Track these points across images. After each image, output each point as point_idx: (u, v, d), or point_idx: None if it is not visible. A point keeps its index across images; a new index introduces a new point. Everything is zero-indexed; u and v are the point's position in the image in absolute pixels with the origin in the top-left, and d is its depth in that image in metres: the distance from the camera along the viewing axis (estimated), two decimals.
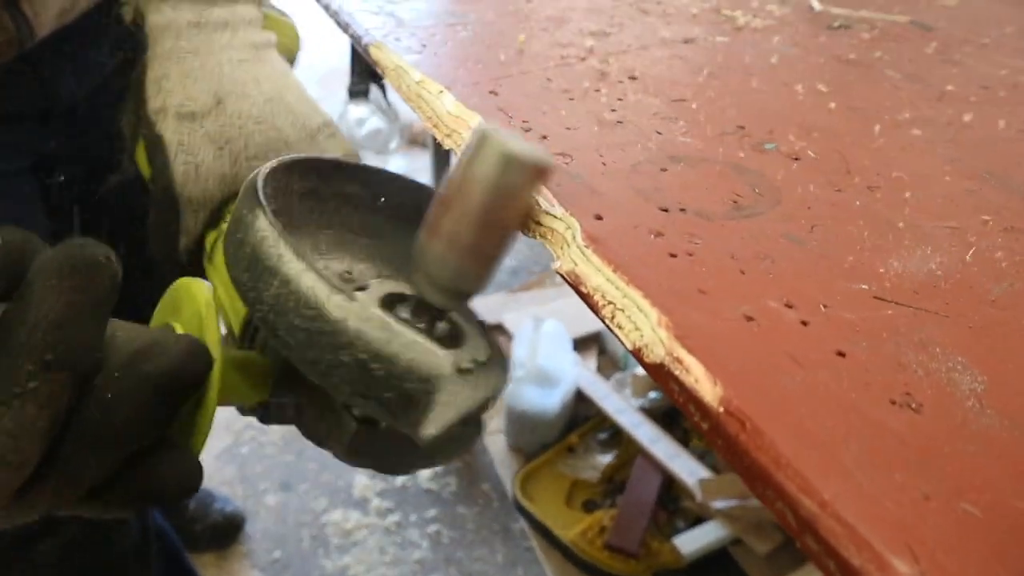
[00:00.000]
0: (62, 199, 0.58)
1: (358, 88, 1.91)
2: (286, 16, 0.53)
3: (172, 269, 0.42)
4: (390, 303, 0.31)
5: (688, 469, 1.10)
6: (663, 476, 1.12)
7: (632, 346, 0.24)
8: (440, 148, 1.32)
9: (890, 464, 0.20)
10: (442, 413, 0.26)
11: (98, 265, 0.23)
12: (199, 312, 0.28)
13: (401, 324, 0.26)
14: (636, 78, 0.44)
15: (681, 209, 0.31)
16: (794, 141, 0.38)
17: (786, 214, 0.31)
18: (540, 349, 1.23)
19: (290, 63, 0.51)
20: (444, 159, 1.35)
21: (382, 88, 1.94)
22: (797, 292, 0.26)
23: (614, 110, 0.40)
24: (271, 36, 0.46)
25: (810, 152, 0.37)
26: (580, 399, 1.24)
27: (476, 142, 0.27)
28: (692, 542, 1.05)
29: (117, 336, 0.25)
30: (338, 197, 0.35)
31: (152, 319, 0.32)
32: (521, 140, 0.27)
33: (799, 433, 0.20)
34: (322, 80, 2.84)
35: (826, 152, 0.37)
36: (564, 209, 0.29)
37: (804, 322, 0.25)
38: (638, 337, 0.24)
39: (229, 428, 1.49)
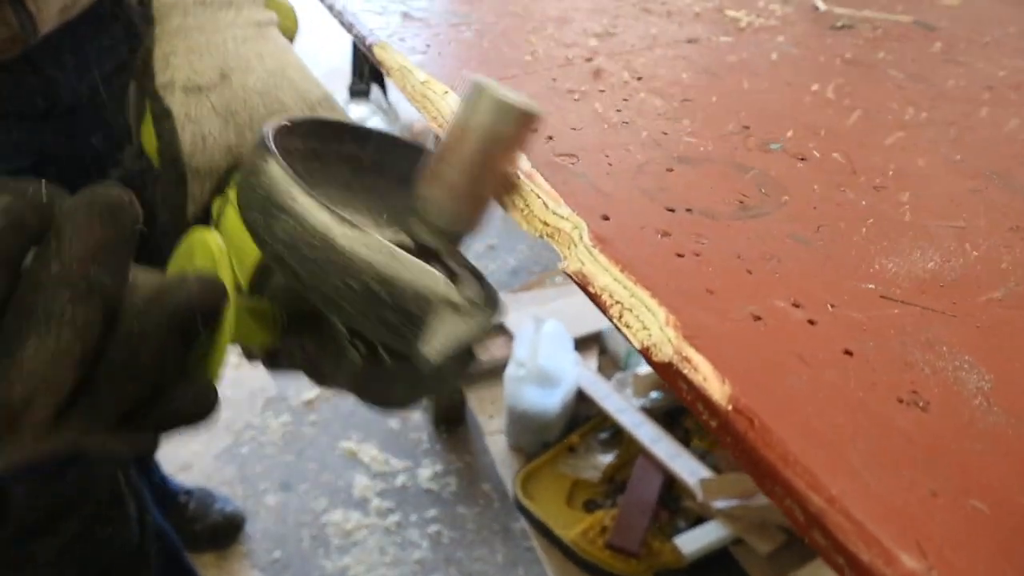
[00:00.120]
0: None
1: (359, 88, 1.91)
2: None
3: (180, 236, 0.43)
4: None
5: (689, 469, 1.11)
6: (664, 476, 1.12)
7: (640, 345, 0.24)
8: None
9: (898, 461, 0.20)
10: (440, 335, 0.28)
11: (122, 206, 0.25)
12: (212, 257, 0.30)
13: (403, 252, 0.28)
14: (641, 78, 0.44)
15: (687, 209, 0.31)
16: (799, 141, 0.38)
17: (792, 214, 0.31)
18: (541, 349, 1.23)
19: (289, 42, 0.53)
20: None
21: (383, 88, 1.94)
22: (804, 292, 0.26)
23: (619, 110, 0.40)
24: (272, 15, 0.48)
25: (815, 152, 0.37)
26: (581, 399, 1.24)
27: (472, 93, 0.29)
28: (693, 542, 1.05)
29: (139, 278, 0.27)
30: (338, 158, 0.37)
31: (168, 268, 0.33)
32: (513, 91, 0.29)
33: (807, 431, 0.21)
34: (323, 79, 2.83)
35: (831, 152, 0.37)
36: (571, 209, 0.30)
37: (811, 321, 0.25)
38: (646, 336, 0.24)
39: (229, 428, 1.49)
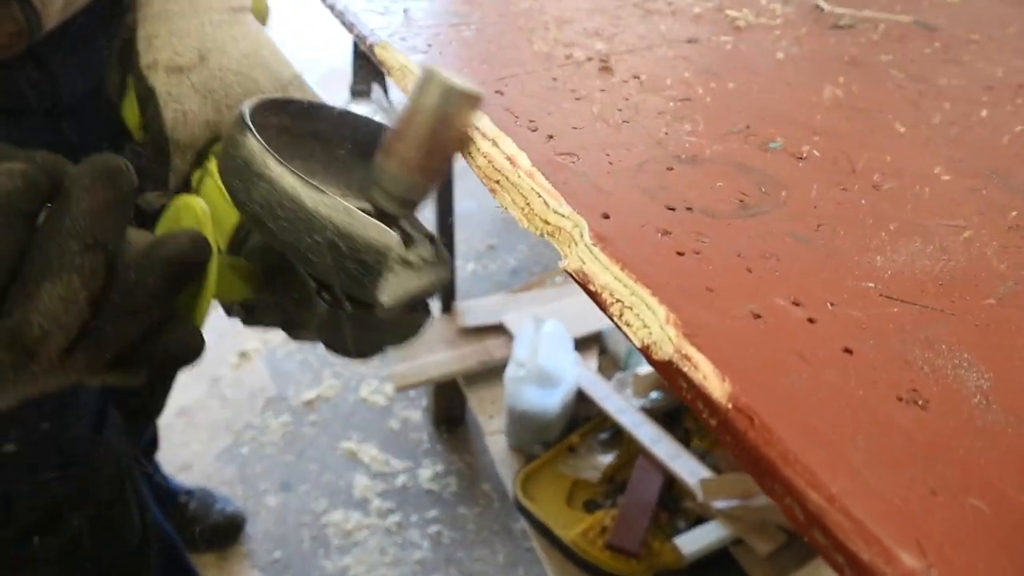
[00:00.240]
0: None
1: (360, 88, 1.91)
2: None
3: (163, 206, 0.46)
4: None
5: (689, 469, 1.10)
6: (664, 476, 1.11)
7: (640, 343, 0.24)
8: None
9: (897, 460, 0.20)
10: (395, 285, 0.34)
11: (121, 171, 0.28)
12: (197, 218, 0.34)
13: (360, 212, 0.32)
14: (641, 78, 0.44)
15: (688, 208, 0.31)
16: (799, 140, 0.38)
17: (792, 213, 0.31)
18: (541, 349, 1.23)
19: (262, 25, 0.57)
20: None
21: (384, 88, 1.94)
22: (804, 290, 0.26)
23: (620, 110, 0.40)
24: (246, 1, 0.51)
25: (815, 151, 0.37)
26: (581, 399, 1.24)
27: (422, 79, 0.33)
28: (693, 542, 1.05)
29: (133, 236, 0.30)
30: (307, 133, 0.40)
31: (157, 230, 0.36)
32: (458, 76, 0.33)
33: (807, 429, 0.21)
34: (323, 79, 2.84)
35: (831, 151, 0.37)
36: (572, 208, 0.30)
37: (811, 320, 0.25)
38: (646, 335, 0.24)
39: (229, 428, 1.49)
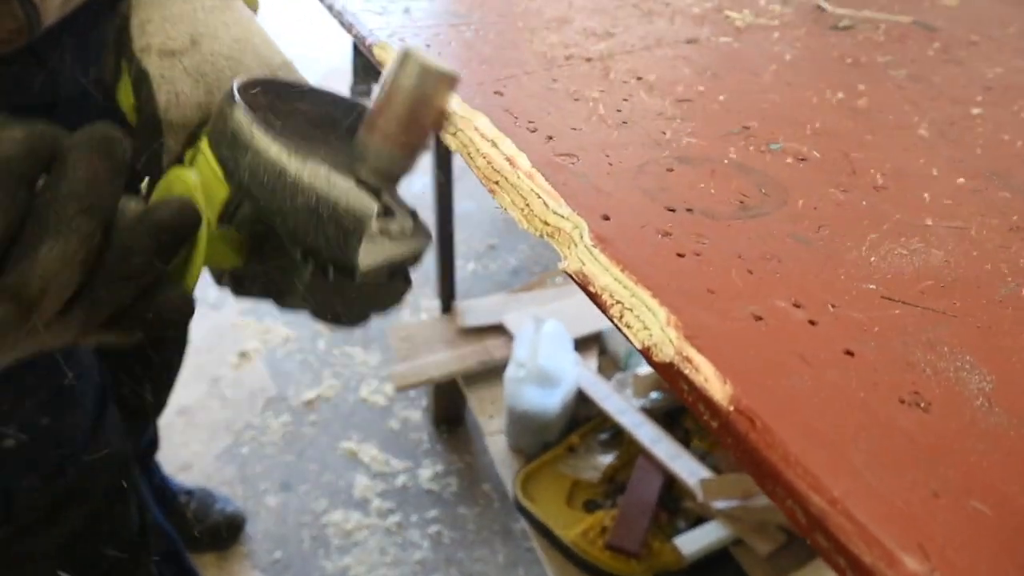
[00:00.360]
0: None
1: (360, 88, 1.91)
2: None
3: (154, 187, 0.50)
4: None
5: (689, 469, 1.10)
6: (664, 476, 1.11)
7: (641, 345, 0.24)
8: (441, 148, 1.33)
9: (899, 462, 0.20)
10: (374, 252, 0.36)
11: (116, 139, 0.30)
12: (188, 187, 0.36)
13: (341, 178, 0.34)
14: (641, 79, 0.44)
15: (688, 209, 0.31)
16: (799, 141, 0.38)
17: (793, 214, 0.31)
18: (541, 349, 1.23)
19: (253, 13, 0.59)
20: (445, 158, 1.35)
21: None
22: (805, 292, 0.26)
23: (619, 111, 0.40)
24: None
25: (815, 152, 0.37)
26: (581, 399, 1.24)
27: (399, 60, 0.35)
28: (693, 542, 1.05)
29: (127, 203, 0.32)
30: (293, 112, 0.43)
31: (150, 201, 0.38)
32: (434, 57, 0.35)
33: (808, 431, 0.20)
34: (323, 79, 2.84)
35: (831, 152, 0.37)
36: (571, 209, 0.30)
37: (812, 322, 0.25)
38: (647, 336, 0.24)
39: (229, 428, 1.49)
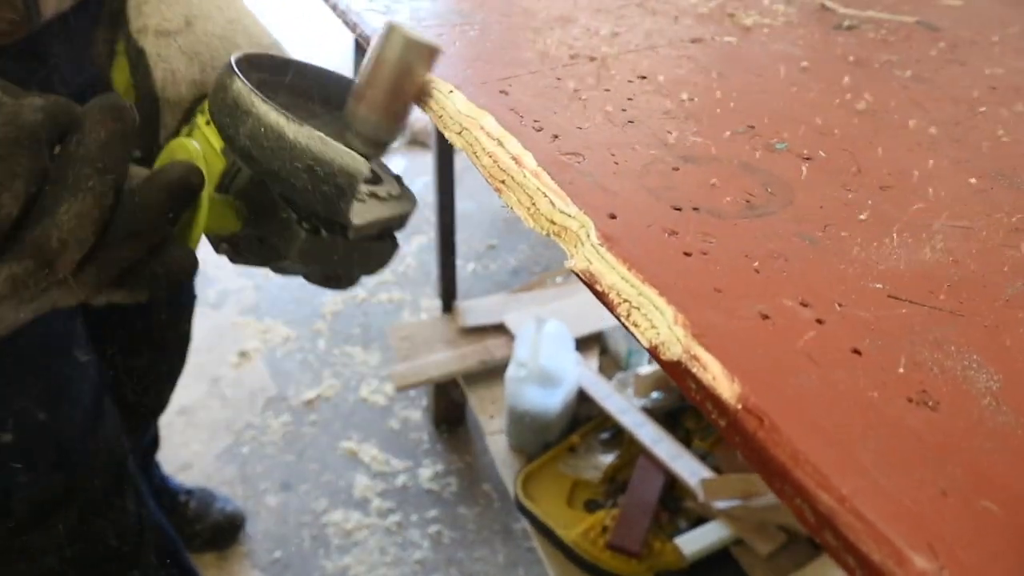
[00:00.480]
0: None
1: None
2: None
3: (154, 160, 0.51)
4: None
5: (690, 469, 1.10)
6: (665, 476, 1.11)
7: (648, 344, 0.24)
8: (443, 147, 1.32)
9: (907, 461, 0.20)
10: (364, 211, 0.39)
11: (125, 108, 0.32)
12: (190, 154, 0.39)
13: (333, 141, 0.36)
14: (646, 78, 0.44)
15: (694, 208, 0.31)
16: (804, 141, 0.38)
17: (799, 214, 0.31)
18: (542, 349, 1.23)
19: None
20: (447, 158, 1.35)
21: None
22: (812, 291, 0.26)
23: (625, 110, 0.40)
24: None
25: (821, 152, 0.37)
26: (582, 399, 1.24)
27: (385, 33, 0.37)
28: (694, 542, 1.05)
29: (134, 170, 0.34)
30: (285, 87, 0.45)
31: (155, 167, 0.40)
32: (417, 31, 0.38)
33: (816, 430, 0.20)
34: None
35: (837, 152, 0.37)
36: (578, 208, 0.30)
37: (819, 320, 0.25)
38: (654, 335, 0.24)
39: (229, 428, 1.49)
